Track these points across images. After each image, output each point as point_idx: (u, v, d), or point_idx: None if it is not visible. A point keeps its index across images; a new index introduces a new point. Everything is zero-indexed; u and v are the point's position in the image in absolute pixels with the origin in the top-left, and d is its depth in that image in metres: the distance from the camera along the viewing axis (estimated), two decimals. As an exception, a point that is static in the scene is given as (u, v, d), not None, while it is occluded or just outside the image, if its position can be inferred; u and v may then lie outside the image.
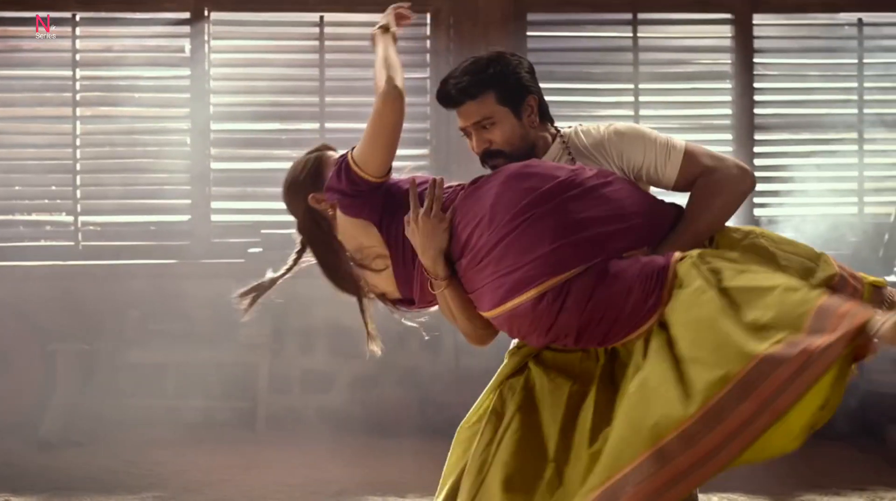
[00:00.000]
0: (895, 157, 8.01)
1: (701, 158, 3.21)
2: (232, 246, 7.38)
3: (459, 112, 3.27)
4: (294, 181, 3.32)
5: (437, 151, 7.55)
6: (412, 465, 6.44)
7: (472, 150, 3.34)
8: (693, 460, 2.54)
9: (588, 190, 2.99)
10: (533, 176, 3.02)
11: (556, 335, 2.93)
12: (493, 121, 3.22)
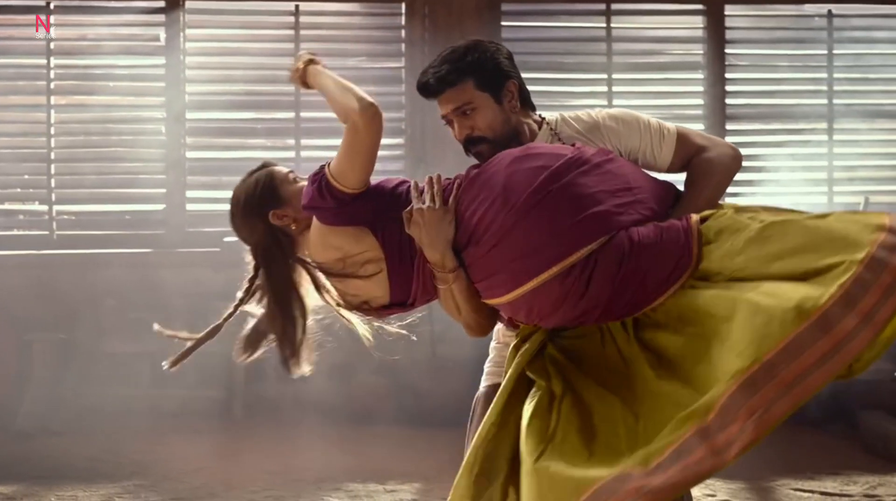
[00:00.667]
0: (864, 146, 8.12)
1: (693, 139, 3.32)
2: (207, 235, 7.37)
3: (440, 101, 3.30)
4: (249, 200, 3.26)
5: (413, 141, 7.57)
6: (391, 453, 6.47)
7: (455, 138, 3.36)
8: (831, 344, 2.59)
9: (595, 166, 3.02)
10: (539, 156, 3.04)
11: (585, 309, 2.92)
12: (473, 107, 3.24)
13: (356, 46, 7.61)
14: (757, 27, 7.93)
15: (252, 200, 3.25)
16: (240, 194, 3.29)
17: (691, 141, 3.31)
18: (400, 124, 7.62)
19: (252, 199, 3.26)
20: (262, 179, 3.28)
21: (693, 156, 3.29)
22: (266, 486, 5.79)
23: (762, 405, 2.54)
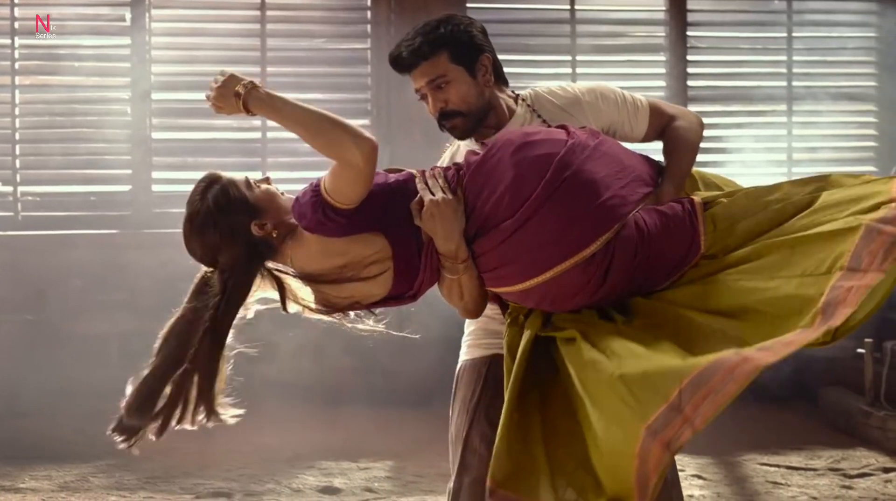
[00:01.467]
0: (823, 128, 8.25)
1: (664, 109, 3.41)
2: (174, 216, 7.29)
3: (413, 75, 3.23)
4: (220, 216, 3.01)
5: (379, 121, 7.58)
6: (362, 432, 6.51)
7: (429, 113, 3.30)
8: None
9: (594, 149, 3.02)
10: (541, 143, 3.02)
11: (602, 297, 2.95)
12: (447, 80, 3.19)
13: (322, 27, 7.61)
14: (718, 10, 8.02)
15: (224, 214, 3.00)
16: (204, 211, 3.02)
17: (663, 111, 3.39)
18: (366, 105, 7.64)
19: (224, 213, 2.99)
20: (227, 191, 3.02)
21: (665, 126, 3.37)
22: (240, 465, 5.81)
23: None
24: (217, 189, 3.02)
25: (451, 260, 2.98)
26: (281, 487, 5.50)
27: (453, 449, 3.32)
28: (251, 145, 7.53)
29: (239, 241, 3.01)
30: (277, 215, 3.04)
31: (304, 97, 7.74)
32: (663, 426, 2.62)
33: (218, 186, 3.03)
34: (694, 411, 2.61)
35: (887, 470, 5.87)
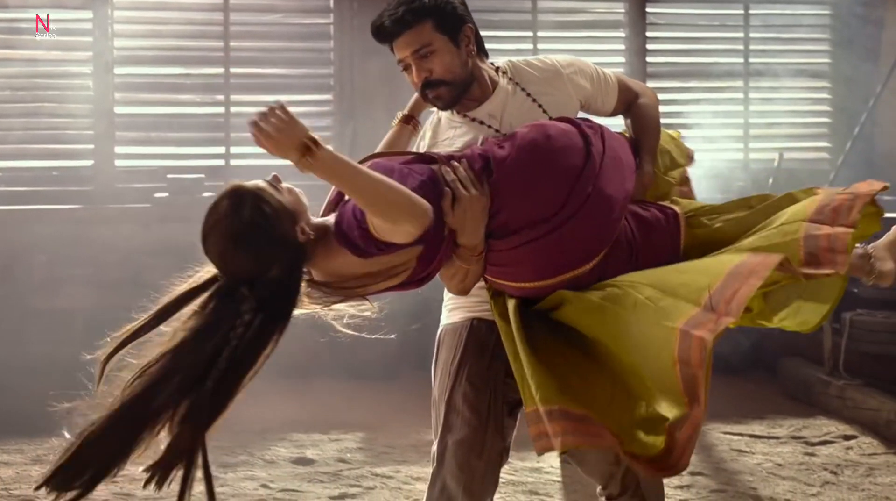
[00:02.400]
0: (778, 104, 8.38)
1: (630, 86, 3.47)
2: (137, 191, 7.34)
3: (397, 44, 3.22)
4: (270, 223, 2.84)
5: (341, 97, 7.61)
6: (329, 404, 6.55)
7: (412, 83, 3.29)
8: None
9: (604, 155, 3.10)
10: (565, 150, 3.06)
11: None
12: (431, 49, 3.18)
13: (285, 2, 7.61)
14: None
15: (272, 224, 2.83)
16: (248, 225, 2.82)
17: (630, 88, 3.45)
18: (328, 80, 7.66)
19: (271, 223, 2.83)
20: (266, 200, 2.84)
21: (630, 102, 3.43)
22: (212, 437, 5.81)
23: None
24: (252, 200, 2.83)
25: (469, 252, 3.01)
26: (254, 459, 5.53)
27: (436, 411, 3.34)
28: (215, 120, 7.52)
29: (290, 248, 2.86)
30: (307, 216, 2.97)
31: (267, 72, 7.74)
32: (698, 324, 2.74)
33: (251, 198, 2.83)
34: (727, 306, 2.74)
35: (848, 438, 6.00)
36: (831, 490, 5.18)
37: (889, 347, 6.46)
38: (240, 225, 2.81)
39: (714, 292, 2.80)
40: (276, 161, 7.99)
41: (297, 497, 4.98)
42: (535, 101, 3.29)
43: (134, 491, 5.01)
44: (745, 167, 8.10)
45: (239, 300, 2.82)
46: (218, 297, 2.88)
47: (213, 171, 7.46)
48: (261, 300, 2.82)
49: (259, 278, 2.82)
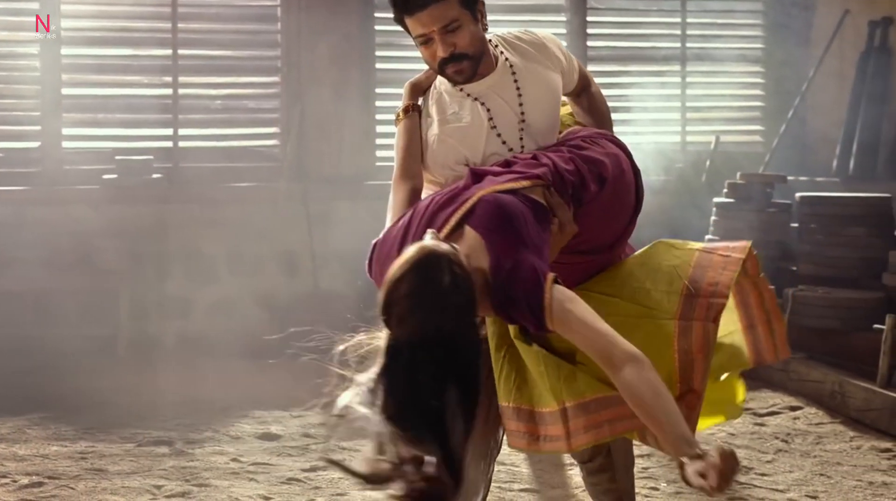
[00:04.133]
0: (715, 88, 8.58)
1: (585, 70, 3.56)
2: (85, 173, 7.32)
3: (421, 18, 3.19)
4: (467, 284, 2.73)
5: (289, 79, 7.64)
6: (285, 384, 6.50)
7: (429, 58, 3.27)
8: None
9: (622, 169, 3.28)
10: (628, 188, 3.23)
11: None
12: (458, 24, 3.19)
13: (233, -17, 7.64)
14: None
15: (467, 287, 2.72)
16: (462, 288, 2.70)
17: (585, 73, 3.54)
18: (275, 62, 7.69)
19: (467, 286, 2.72)
20: (460, 263, 2.72)
21: (585, 87, 3.53)
22: (174, 416, 5.86)
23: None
24: (456, 264, 2.71)
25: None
26: (220, 435, 5.57)
27: None
28: (163, 102, 7.51)
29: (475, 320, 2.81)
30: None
31: (215, 54, 7.71)
32: (690, 313, 2.87)
33: (447, 262, 2.70)
34: (711, 288, 2.90)
35: (794, 408, 6.19)
36: (785, 457, 5.36)
37: (829, 321, 6.67)
38: (442, 290, 2.68)
39: (690, 279, 3.01)
40: (228, 143, 8.02)
41: (269, 469, 5.03)
42: (534, 73, 3.34)
43: (106, 466, 5.03)
44: (683, 149, 8.30)
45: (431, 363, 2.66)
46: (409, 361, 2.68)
47: (162, 152, 7.47)
48: (451, 360, 2.68)
49: (452, 338, 2.69)
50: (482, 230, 2.88)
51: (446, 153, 3.25)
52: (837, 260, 6.93)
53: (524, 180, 2.99)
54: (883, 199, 7.05)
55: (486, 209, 2.91)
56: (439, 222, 2.94)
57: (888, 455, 5.39)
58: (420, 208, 3.03)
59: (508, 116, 3.28)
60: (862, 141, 7.91)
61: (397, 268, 2.69)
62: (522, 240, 2.86)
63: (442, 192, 3.07)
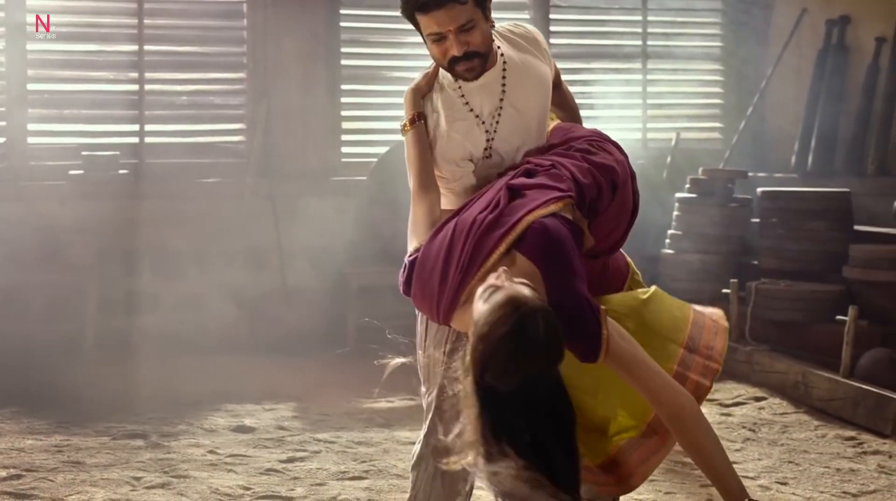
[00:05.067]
0: (675, 85, 8.70)
1: (556, 65, 3.62)
2: (51, 168, 7.31)
3: (437, 17, 3.18)
4: (559, 334, 2.74)
5: (254, 75, 7.66)
6: (255, 378, 6.62)
7: (439, 56, 3.25)
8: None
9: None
10: (631, 194, 3.31)
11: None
12: (473, 23, 3.21)
13: (198, -21, 7.65)
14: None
15: (561, 347, 2.74)
16: (551, 346, 2.70)
17: (557, 67, 3.60)
18: (241, 58, 7.71)
19: (561, 346, 2.74)
20: (553, 325, 2.70)
21: (558, 82, 3.60)
22: (147, 410, 5.88)
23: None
24: (549, 315, 2.70)
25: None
26: (194, 428, 5.59)
27: (432, 359, 3.35)
28: (129, 98, 7.51)
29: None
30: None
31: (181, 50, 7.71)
32: (689, 366, 3.07)
33: (541, 314, 2.68)
34: (707, 351, 3.11)
35: (758, 399, 6.30)
36: (753, 446, 5.46)
37: (792, 313, 6.79)
38: (541, 346, 2.68)
39: (689, 335, 3.11)
40: (194, 139, 8.03)
41: (246, 461, 5.06)
42: (527, 64, 3.37)
43: (83, 459, 5.04)
44: (644, 146, 8.40)
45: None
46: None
47: (128, 148, 7.48)
48: (553, 399, 2.71)
49: (549, 383, 2.72)
50: (537, 261, 2.92)
51: (454, 149, 3.29)
52: (798, 254, 7.06)
53: (560, 201, 3.03)
54: (842, 193, 7.18)
55: (537, 238, 2.94)
56: (488, 246, 2.95)
57: (853, 442, 5.50)
58: (461, 227, 3.02)
59: (492, 109, 3.32)
60: (820, 137, 8.04)
61: (491, 323, 2.67)
62: (574, 270, 2.93)
63: (478, 206, 3.07)
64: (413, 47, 8.03)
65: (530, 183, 3.10)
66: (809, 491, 4.77)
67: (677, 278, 7.51)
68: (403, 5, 3.25)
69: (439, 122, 3.31)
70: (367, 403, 6.16)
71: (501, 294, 2.70)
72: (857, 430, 5.67)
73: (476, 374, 2.66)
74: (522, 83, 3.34)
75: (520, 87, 3.33)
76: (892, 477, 4.96)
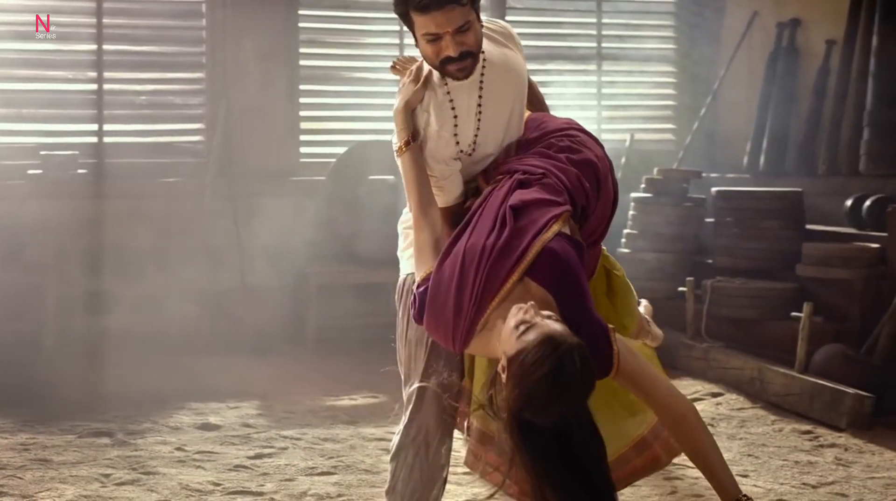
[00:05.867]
0: (629, 87, 8.81)
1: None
2: (10, 168, 7.28)
3: (436, 17, 3.20)
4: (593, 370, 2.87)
5: (213, 75, 7.68)
6: (219, 376, 6.64)
7: (431, 55, 3.27)
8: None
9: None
10: (613, 189, 3.44)
11: None
12: (469, 25, 3.25)
13: (156, -21, 7.66)
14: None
15: (594, 379, 2.86)
16: (587, 381, 2.81)
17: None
18: (200, 58, 7.72)
19: (594, 378, 2.86)
20: (588, 360, 2.82)
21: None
22: (111, 408, 5.88)
23: None
24: (584, 351, 2.81)
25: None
26: (159, 426, 5.60)
27: (414, 353, 3.42)
28: (88, 97, 7.50)
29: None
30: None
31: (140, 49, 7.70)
32: (657, 438, 3.41)
33: (577, 351, 2.78)
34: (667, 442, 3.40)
35: (715, 395, 6.40)
36: (713, 440, 5.56)
37: (747, 310, 6.91)
38: (580, 383, 2.79)
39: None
40: (153, 138, 8.01)
41: (214, 457, 5.09)
42: (506, 58, 3.44)
43: (50, 457, 5.05)
44: (599, 147, 8.48)
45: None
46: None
47: (87, 147, 7.47)
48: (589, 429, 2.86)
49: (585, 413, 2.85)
50: (550, 288, 3.01)
51: (444, 148, 3.33)
52: (752, 252, 7.18)
53: (560, 219, 3.11)
54: (795, 193, 7.31)
55: (547, 265, 3.03)
56: (501, 275, 3.02)
57: (809, 436, 5.62)
58: (471, 256, 3.06)
59: (474, 106, 3.37)
60: (772, 138, 8.18)
61: (530, 364, 2.75)
62: (584, 292, 3.05)
63: (483, 229, 3.11)
64: (371, 48, 8.11)
65: (529, 199, 3.15)
66: (770, 483, 4.87)
67: (634, 276, 7.41)
68: (398, 3, 3.25)
69: (430, 121, 3.34)
70: (330, 400, 6.20)
71: (536, 333, 2.80)
72: (812, 424, 5.79)
73: (515, 411, 2.77)
74: (502, 78, 3.40)
75: (499, 82, 3.39)
76: (850, 469, 5.07)
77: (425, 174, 3.30)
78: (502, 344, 2.87)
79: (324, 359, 7.23)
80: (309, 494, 4.61)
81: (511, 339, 2.83)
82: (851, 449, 5.39)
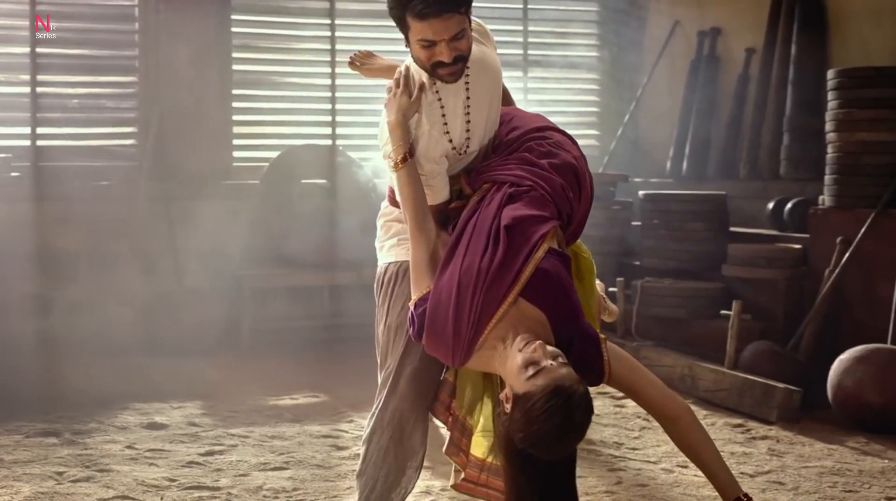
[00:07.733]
0: (554, 93, 8.99)
1: None
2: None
3: (434, 24, 3.26)
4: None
5: (147, 78, 7.70)
6: (158, 377, 6.67)
7: (424, 59, 3.33)
8: None
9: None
10: (588, 190, 3.59)
11: None
12: (464, 31, 3.33)
13: (90, -18, 7.66)
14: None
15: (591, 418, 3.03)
16: (588, 420, 3.00)
17: None
18: (133, 62, 7.74)
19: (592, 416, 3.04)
20: (590, 401, 3.00)
21: None
22: (55, 409, 5.89)
23: None
24: (587, 395, 2.98)
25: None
26: (105, 425, 5.62)
27: (393, 338, 3.48)
28: (20, 100, 7.48)
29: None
30: None
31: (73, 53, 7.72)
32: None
33: (580, 394, 2.95)
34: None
35: (647, 392, 6.58)
36: (650, 434, 5.73)
37: (676, 310, 7.12)
38: (583, 424, 2.97)
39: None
40: (87, 142, 8.00)
41: (166, 455, 5.13)
42: (484, 54, 3.53)
43: (0, 456, 5.05)
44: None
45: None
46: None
47: (20, 150, 7.45)
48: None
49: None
50: (543, 307, 3.16)
51: (435, 148, 3.39)
52: (679, 253, 7.39)
53: (549, 235, 3.25)
54: (718, 196, 7.53)
55: (539, 286, 3.17)
56: (497, 298, 3.15)
57: (741, 429, 5.81)
58: (466, 280, 3.17)
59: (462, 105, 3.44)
60: (694, 143, 8.40)
61: (540, 412, 2.90)
62: (575, 306, 3.21)
63: (476, 250, 3.23)
64: (303, 53, 8.18)
65: (521, 216, 3.26)
66: (710, 472, 5.04)
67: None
68: (395, 6, 3.29)
69: (421, 122, 3.38)
70: (272, 400, 6.27)
71: (546, 380, 2.94)
72: (743, 418, 5.99)
73: (520, 445, 2.95)
74: (484, 75, 3.50)
75: (482, 79, 3.48)
76: (784, 459, 5.27)
77: (422, 190, 3.35)
78: (508, 378, 3.03)
79: (260, 360, 7.30)
80: (265, 488, 4.67)
81: (520, 378, 2.97)
82: (783, 441, 5.59)
